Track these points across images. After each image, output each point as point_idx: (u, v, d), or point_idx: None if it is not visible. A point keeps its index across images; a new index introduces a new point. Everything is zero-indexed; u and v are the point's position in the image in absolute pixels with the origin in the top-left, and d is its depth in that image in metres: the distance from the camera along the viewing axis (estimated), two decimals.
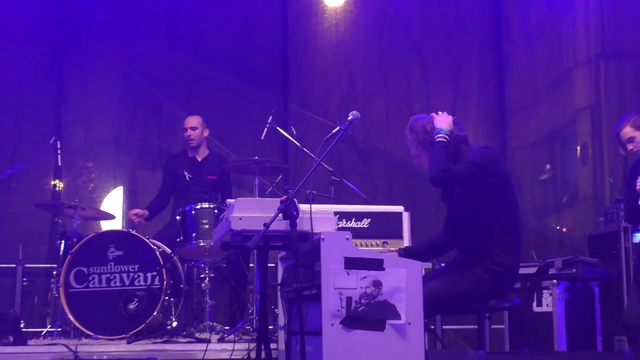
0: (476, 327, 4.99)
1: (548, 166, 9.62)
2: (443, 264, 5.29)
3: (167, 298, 6.57)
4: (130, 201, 8.65)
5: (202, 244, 6.58)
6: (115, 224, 8.11)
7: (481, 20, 9.86)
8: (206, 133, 7.75)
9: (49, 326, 6.82)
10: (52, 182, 8.56)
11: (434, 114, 4.91)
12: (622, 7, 9.14)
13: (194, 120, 7.72)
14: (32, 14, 9.14)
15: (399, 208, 5.72)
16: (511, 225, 4.78)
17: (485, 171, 4.68)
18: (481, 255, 4.71)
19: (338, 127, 4.67)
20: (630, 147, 5.54)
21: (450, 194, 4.95)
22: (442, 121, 4.84)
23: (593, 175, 9.22)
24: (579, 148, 9.37)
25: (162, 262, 6.55)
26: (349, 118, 4.69)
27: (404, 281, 4.22)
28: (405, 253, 5.01)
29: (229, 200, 4.73)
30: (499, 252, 4.69)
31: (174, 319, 6.62)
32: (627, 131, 5.52)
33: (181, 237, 6.71)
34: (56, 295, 6.69)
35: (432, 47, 9.84)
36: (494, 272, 4.67)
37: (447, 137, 4.78)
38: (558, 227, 9.56)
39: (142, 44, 9.42)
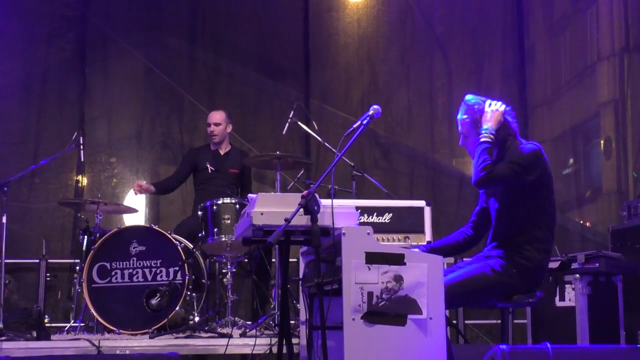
0: (499, 321, 4.97)
1: (571, 160, 9.58)
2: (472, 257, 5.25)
3: (189, 293, 6.59)
4: (153, 196, 8.67)
5: (223, 239, 6.59)
6: (137, 219, 8.14)
7: (504, 14, 9.81)
8: (229, 129, 7.77)
9: (72, 321, 6.85)
10: (75, 178, 8.63)
11: (487, 101, 4.89)
12: None
13: (217, 116, 7.73)
14: (56, 10, 9.19)
15: (421, 203, 5.69)
16: (546, 224, 4.77)
17: (527, 170, 4.68)
18: (512, 250, 4.70)
19: (359, 122, 4.66)
20: None
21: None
22: (490, 118, 4.81)
23: (617, 170, 9.17)
24: (602, 142, 9.32)
25: (184, 257, 6.57)
26: (370, 113, 4.69)
27: (425, 276, 4.21)
28: (428, 249, 4.99)
29: (250, 195, 4.72)
30: (531, 248, 4.68)
31: (196, 314, 6.64)
32: None
33: (203, 232, 6.73)
34: (79, 290, 6.73)
35: (454, 42, 9.82)
36: (524, 268, 4.66)
37: (492, 136, 4.76)
38: (581, 222, 9.51)
39: (165, 40, 9.47)
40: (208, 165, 7.65)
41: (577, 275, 6.30)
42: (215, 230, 6.64)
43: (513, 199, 4.77)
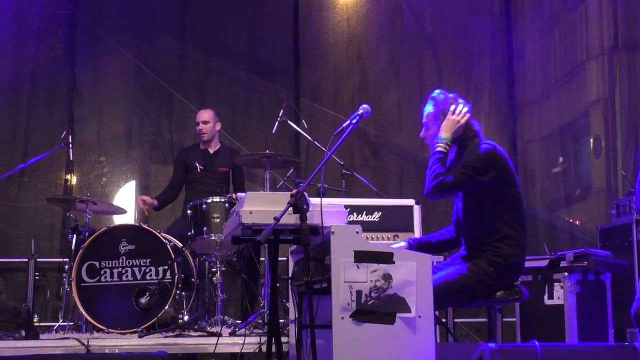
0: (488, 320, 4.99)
1: (561, 159, 9.60)
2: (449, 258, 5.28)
3: (178, 292, 6.58)
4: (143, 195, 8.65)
5: (213, 237, 6.59)
6: (127, 218, 8.13)
7: (493, 13, 9.83)
8: (218, 127, 7.77)
9: (61, 320, 6.83)
10: (64, 177, 8.60)
11: (452, 106, 4.88)
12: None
13: (205, 114, 7.73)
14: (46, 8, 9.17)
15: (410, 201, 5.71)
16: (514, 219, 4.79)
17: (481, 172, 4.70)
18: (485, 249, 4.73)
19: (348, 121, 4.67)
20: None
21: None
22: (448, 128, 4.84)
23: (606, 168, 9.20)
24: (591, 141, 9.35)
25: (173, 256, 6.56)
26: (359, 112, 4.71)
27: (414, 274, 4.22)
28: (414, 244, 5.01)
29: (239, 194, 4.73)
30: (502, 245, 4.72)
31: (185, 313, 6.63)
32: None
33: (192, 231, 6.72)
34: (68, 289, 6.71)
35: (444, 41, 9.83)
36: (499, 265, 4.69)
37: (447, 146, 4.81)
38: (571, 220, 9.54)
39: (155, 39, 9.45)
40: (197, 164, 7.64)
41: (566, 273, 6.32)
42: (205, 229, 6.63)
43: (475, 201, 4.80)
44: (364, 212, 5.58)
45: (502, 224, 4.74)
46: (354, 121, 4.65)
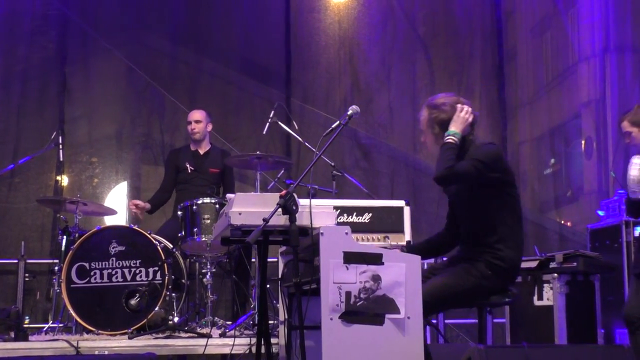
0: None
1: (553, 160, 9.62)
2: (445, 259, 5.29)
3: (168, 293, 6.57)
4: (134, 197, 8.64)
5: (203, 239, 6.58)
6: (117, 220, 8.11)
7: (485, 15, 9.84)
8: (209, 127, 7.78)
9: (51, 322, 6.82)
10: (55, 178, 8.58)
11: (459, 105, 4.88)
12: (623, 1, 9.17)
13: (198, 114, 7.75)
14: (37, 8, 9.15)
15: (400, 203, 5.69)
16: (514, 221, 4.79)
17: (490, 168, 4.69)
18: (484, 251, 4.71)
19: (338, 122, 4.68)
20: (627, 140, 5.65)
21: (453, 188, 4.95)
22: (458, 124, 4.82)
23: (597, 170, 9.22)
24: (583, 142, 9.37)
25: (163, 257, 6.55)
26: (349, 113, 4.72)
27: (403, 275, 4.22)
28: (407, 250, 5.02)
29: (228, 195, 4.73)
30: (502, 247, 4.70)
31: (175, 314, 6.62)
32: (625, 125, 5.62)
33: (183, 232, 6.72)
34: (58, 290, 6.70)
35: (436, 43, 9.83)
36: (497, 268, 4.68)
37: (457, 140, 4.77)
38: (562, 222, 9.56)
39: (146, 40, 9.44)
40: (187, 165, 7.64)
41: (555, 274, 6.33)
42: (195, 230, 6.62)
43: (478, 199, 4.78)
44: (354, 214, 5.57)
45: (502, 225, 4.73)
46: (343, 122, 4.66)
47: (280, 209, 4.16)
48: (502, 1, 9.81)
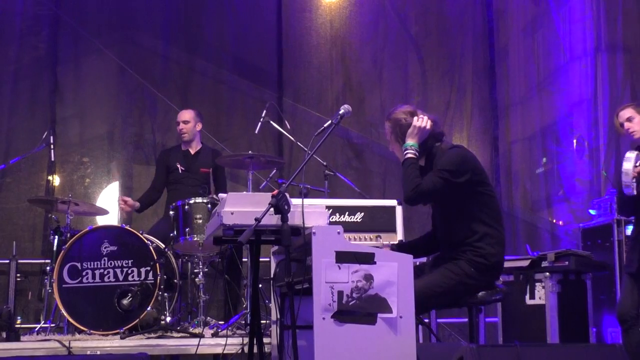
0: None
1: (544, 160, 9.63)
2: (430, 259, 5.32)
3: (161, 293, 6.56)
4: (125, 196, 8.62)
5: (195, 238, 6.56)
6: (109, 219, 8.10)
7: (476, 15, 9.85)
8: (199, 127, 7.76)
9: (43, 322, 6.80)
10: (47, 178, 8.56)
11: (415, 117, 4.92)
12: (614, 1, 9.21)
13: (186, 114, 7.74)
14: (29, 8, 9.13)
15: (393, 202, 5.70)
16: (491, 218, 4.84)
17: (456, 174, 4.76)
18: (465, 250, 4.76)
19: (330, 122, 4.68)
20: (627, 125, 5.64)
21: None
22: (414, 134, 4.89)
23: (589, 169, 9.24)
24: (574, 141, 9.38)
25: (155, 257, 6.54)
26: (340, 112, 4.73)
27: (395, 275, 4.23)
28: (398, 248, 5.05)
29: (220, 195, 4.73)
30: (482, 245, 4.76)
31: (167, 314, 6.61)
32: (627, 112, 5.65)
33: (175, 232, 6.71)
34: (50, 291, 6.68)
35: (428, 43, 9.84)
36: (480, 265, 4.73)
37: (416, 152, 4.87)
38: (554, 221, 9.57)
39: (138, 39, 9.43)
40: (178, 166, 7.63)
41: (547, 273, 6.34)
42: (187, 230, 6.61)
43: (452, 202, 4.84)
44: (347, 213, 5.57)
45: (480, 223, 4.78)
46: (335, 122, 4.67)
47: (272, 209, 4.16)
48: (493, 1, 9.83)
